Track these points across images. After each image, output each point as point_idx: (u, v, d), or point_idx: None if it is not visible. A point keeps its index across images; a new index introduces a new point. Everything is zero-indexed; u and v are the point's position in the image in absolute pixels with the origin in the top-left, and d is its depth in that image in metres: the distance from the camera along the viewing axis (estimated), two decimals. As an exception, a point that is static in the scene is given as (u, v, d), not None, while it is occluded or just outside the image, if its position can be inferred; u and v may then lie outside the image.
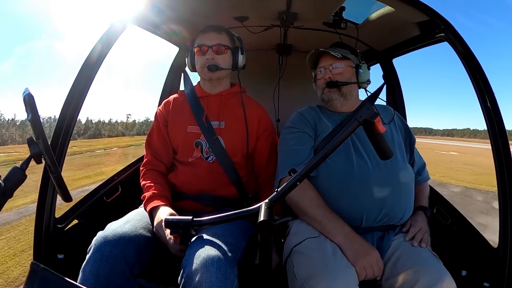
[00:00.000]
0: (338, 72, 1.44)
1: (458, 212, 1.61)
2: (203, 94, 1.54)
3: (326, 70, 1.46)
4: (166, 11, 1.61)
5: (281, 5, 1.68)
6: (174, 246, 1.18)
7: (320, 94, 1.49)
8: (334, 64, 1.44)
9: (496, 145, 1.24)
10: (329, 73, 1.45)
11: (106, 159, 14.56)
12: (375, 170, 1.29)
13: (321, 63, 1.49)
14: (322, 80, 1.47)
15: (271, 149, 1.54)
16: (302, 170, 0.91)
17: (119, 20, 1.37)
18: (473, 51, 1.28)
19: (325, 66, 1.46)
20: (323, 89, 1.46)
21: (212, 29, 1.48)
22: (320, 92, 1.49)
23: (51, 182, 1.26)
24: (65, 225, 1.41)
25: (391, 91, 2.26)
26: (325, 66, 1.46)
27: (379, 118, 0.92)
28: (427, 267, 1.09)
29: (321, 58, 1.50)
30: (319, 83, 1.49)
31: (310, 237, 1.20)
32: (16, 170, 0.81)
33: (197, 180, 1.44)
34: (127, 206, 1.45)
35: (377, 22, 1.75)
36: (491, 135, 1.25)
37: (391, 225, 1.31)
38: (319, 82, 1.49)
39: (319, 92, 1.50)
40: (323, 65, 1.47)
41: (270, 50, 2.58)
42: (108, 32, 1.35)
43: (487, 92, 1.25)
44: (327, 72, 1.45)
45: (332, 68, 1.44)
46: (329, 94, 1.44)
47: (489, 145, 1.26)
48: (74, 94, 1.31)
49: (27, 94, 0.78)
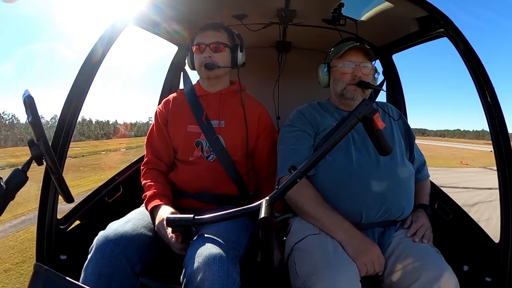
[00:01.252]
0: (366, 73, 1.39)
1: (459, 207, 1.61)
2: (203, 93, 1.54)
3: (357, 67, 1.38)
4: (164, 10, 1.61)
5: (280, 2, 1.68)
6: (176, 244, 1.18)
7: (341, 89, 1.41)
8: (365, 64, 1.39)
9: (496, 140, 1.23)
10: (359, 71, 1.37)
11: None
12: (375, 167, 1.29)
13: (351, 57, 1.39)
14: (349, 75, 1.38)
15: (271, 147, 1.54)
16: (302, 167, 0.91)
17: (118, 20, 1.37)
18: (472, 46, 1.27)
19: (356, 62, 1.38)
20: (346, 85, 1.39)
21: (210, 27, 1.48)
22: (341, 86, 1.41)
23: (53, 183, 1.27)
24: (67, 226, 1.42)
25: (391, 87, 2.25)
26: (356, 62, 1.38)
27: (378, 114, 0.92)
28: (428, 262, 1.09)
29: (350, 51, 1.39)
30: (344, 77, 1.39)
31: (311, 234, 1.20)
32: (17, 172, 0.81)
33: (197, 178, 1.44)
34: (128, 205, 1.45)
35: (376, 18, 1.74)
36: (492, 130, 1.24)
37: (391, 220, 1.31)
38: (344, 76, 1.40)
39: (340, 86, 1.41)
40: (354, 60, 1.38)
41: (269, 47, 2.57)
42: (108, 32, 1.35)
43: (487, 87, 1.24)
44: (357, 69, 1.37)
45: (362, 66, 1.38)
46: (354, 93, 1.38)
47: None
48: (74, 95, 1.31)
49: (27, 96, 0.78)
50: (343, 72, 1.40)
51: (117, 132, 76.00)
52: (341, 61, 1.40)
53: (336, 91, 1.44)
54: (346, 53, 1.39)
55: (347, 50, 1.38)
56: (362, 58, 1.39)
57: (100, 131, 72.57)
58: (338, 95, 1.43)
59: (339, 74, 1.41)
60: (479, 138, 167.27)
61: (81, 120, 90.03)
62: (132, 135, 74.86)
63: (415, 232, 1.25)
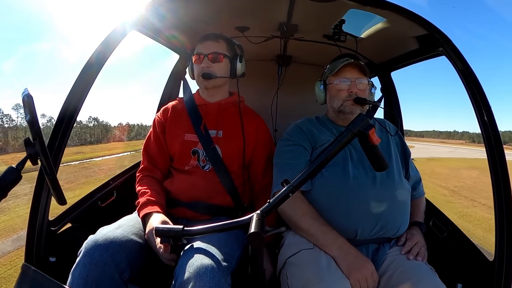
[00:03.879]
0: (362, 89, 1.39)
1: (454, 225, 1.60)
2: (202, 102, 1.54)
3: (352, 83, 1.38)
4: (168, 18, 1.62)
5: (282, 17, 1.70)
6: (165, 255, 1.17)
7: (338, 106, 1.41)
8: (361, 80, 1.39)
9: (492, 158, 1.24)
10: (354, 87, 1.37)
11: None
12: (372, 184, 1.28)
13: (346, 73, 1.39)
14: (345, 92, 1.39)
15: (267, 160, 1.53)
16: (295, 181, 0.91)
17: (121, 25, 1.38)
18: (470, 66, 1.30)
19: (352, 79, 1.39)
20: (343, 101, 1.39)
21: (210, 37, 1.49)
22: (338, 103, 1.41)
23: (46, 184, 1.25)
24: (58, 228, 1.39)
25: (389, 104, 2.27)
26: (351, 78, 1.39)
27: (374, 130, 0.92)
28: (423, 280, 1.08)
29: (345, 68, 1.40)
30: (341, 94, 1.40)
31: (304, 248, 1.19)
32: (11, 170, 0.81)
33: (192, 188, 1.43)
34: (121, 211, 1.44)
35: (376, 36, 1.77)
36: (488, 148, 1.25)
37: (386, 237, 1.30)
38: (340, 92, 1.40)
39: (337, 103, 1.41)
40: (349, 77, 1.39)
41: (269, 60, 2.60)
42: (110, 37, 1.36)
43: (484, 106, 1.26)
44: (353, 85, 1.38)
45: (358, 83, 1.38)
46: (352, 108, 1.38)
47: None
48: (73, 97, 1.31)
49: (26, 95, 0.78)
50: (339, 89, 1.40)
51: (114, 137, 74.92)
52: (337, 78, 1.41)
53: (333, 107, 1.44)
54: (341, 70, 1.40)
55: (342, 67, 1.39)
56: (357, 74, 1.39)
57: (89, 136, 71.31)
58: (336, 111, 1.43)
59: (335, 91, 1.42)
60: (450, 137, 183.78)
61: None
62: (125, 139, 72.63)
63: (409, 250, 1.24)
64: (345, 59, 1.43)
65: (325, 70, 1.52)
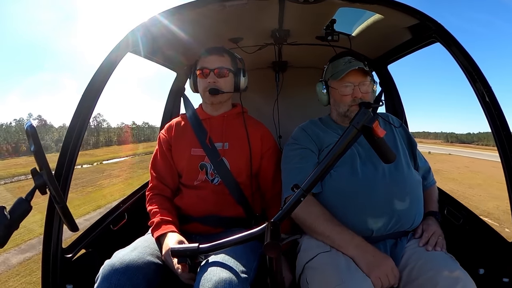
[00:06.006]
0: (366, 91, 1.36)
1: (469, 210, 1.58)
2: (205, 116, 1.54)
3: (356, 88, 1.36)
4: (161, 38, 1.65)
5: (273, 23, 1.72)
6: (183, 274, 1.16)
7: (345, 110, 1.38)
8: (364, 82, 1.36)
9: (499, 139, 1.22)
10: (358, 92, 1.35)
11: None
12: (382, 179, 1.27)
13: (350, 78, 1.36)
14: (349, 97, 1.36)
15: (276, 167, 1.52)
16: (305, 185, 0.90)
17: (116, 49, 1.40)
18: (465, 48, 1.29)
19: (355, 83, 1.36)
20: (349, 106, 1.37)
21: (214, 51, 1.49)
22: (343, 108, 1.39)
23: (57, 212, 1.26)
24: (72, 255, 1.39)
25: (389, 97, 2.26)
26: (354, 82, 1.36)
27: (378, 122, 0.91)
28: (444, 269, 1.07)
29: (348, 73, 1.36)
30: (345, 99, 1.37)
31: (321, 252, 1.17)
32: (21, 201, 0.82)
33: (203, 202, 1.43)
34: (134, 233, 1.43)
35: (369, 31, 1.77)
36: (493, 129, 1.23)
37: (402, 231, 1.28)
38: (344, 98, 1.38)
39: (343, 108, 1.39)
40: (353, 81, 1.36)
41: (266, 68, 2.62)
42: (107, 61, 1.38)
43: (484, 87, 1.24)
44: (357, 90, 1.35)
45: (361, 86, 1.36)
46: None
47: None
48: (76, 123, 1.32)
49: (29, 126, 0.79)
50: (343, 94, 1.38)
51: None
52: (341, 83, 1.38)
53: (338, 112, 1.43)
54: (345, 75, 1.37)
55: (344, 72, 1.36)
56: (360, 78, 1.36)
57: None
58: (342, 116, 1.42)
59: (339, 97, 1.40)
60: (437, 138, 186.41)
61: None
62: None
63: (427, 241, 1.22)
64: (347, 60, 1.40)
65: (324, 70, 1.51)
